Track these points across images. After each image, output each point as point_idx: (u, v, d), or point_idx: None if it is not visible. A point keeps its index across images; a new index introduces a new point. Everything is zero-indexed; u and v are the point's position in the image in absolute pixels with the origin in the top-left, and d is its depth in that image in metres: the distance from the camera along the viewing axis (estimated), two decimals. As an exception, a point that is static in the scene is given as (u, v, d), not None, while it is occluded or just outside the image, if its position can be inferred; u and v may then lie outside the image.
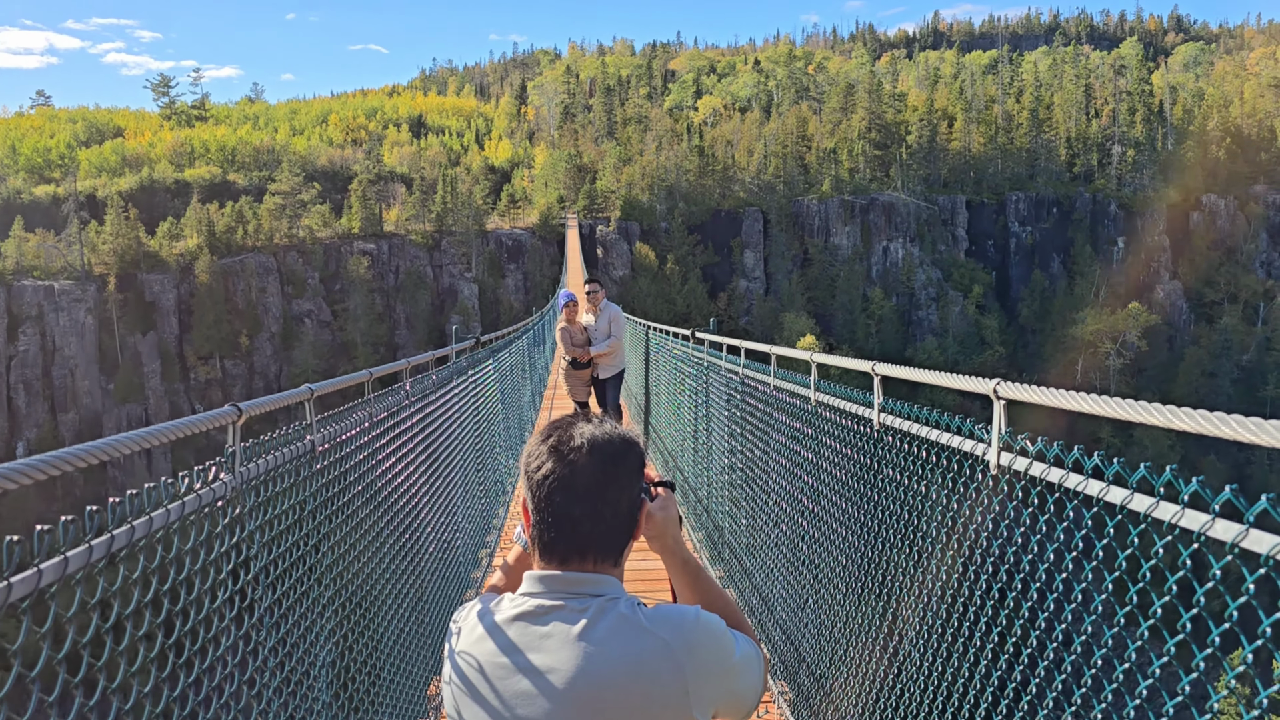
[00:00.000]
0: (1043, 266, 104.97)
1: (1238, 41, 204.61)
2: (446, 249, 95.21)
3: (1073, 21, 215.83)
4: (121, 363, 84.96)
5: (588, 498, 1.78)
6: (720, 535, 8.08)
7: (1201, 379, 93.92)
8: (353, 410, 4.20)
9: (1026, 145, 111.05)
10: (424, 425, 5.84)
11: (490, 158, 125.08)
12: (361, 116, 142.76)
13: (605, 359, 14.02)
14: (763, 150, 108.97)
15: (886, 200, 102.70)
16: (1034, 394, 2.49)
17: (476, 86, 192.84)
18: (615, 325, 14.04)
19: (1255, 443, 1.66)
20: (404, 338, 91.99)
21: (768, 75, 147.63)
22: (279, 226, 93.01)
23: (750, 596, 6.69)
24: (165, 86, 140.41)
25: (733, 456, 7.32)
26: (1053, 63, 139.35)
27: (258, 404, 2.91)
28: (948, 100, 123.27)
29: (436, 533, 6.02)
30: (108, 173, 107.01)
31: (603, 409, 14.54)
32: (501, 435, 11.48)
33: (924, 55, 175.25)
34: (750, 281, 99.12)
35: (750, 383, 6.50)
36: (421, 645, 5.27)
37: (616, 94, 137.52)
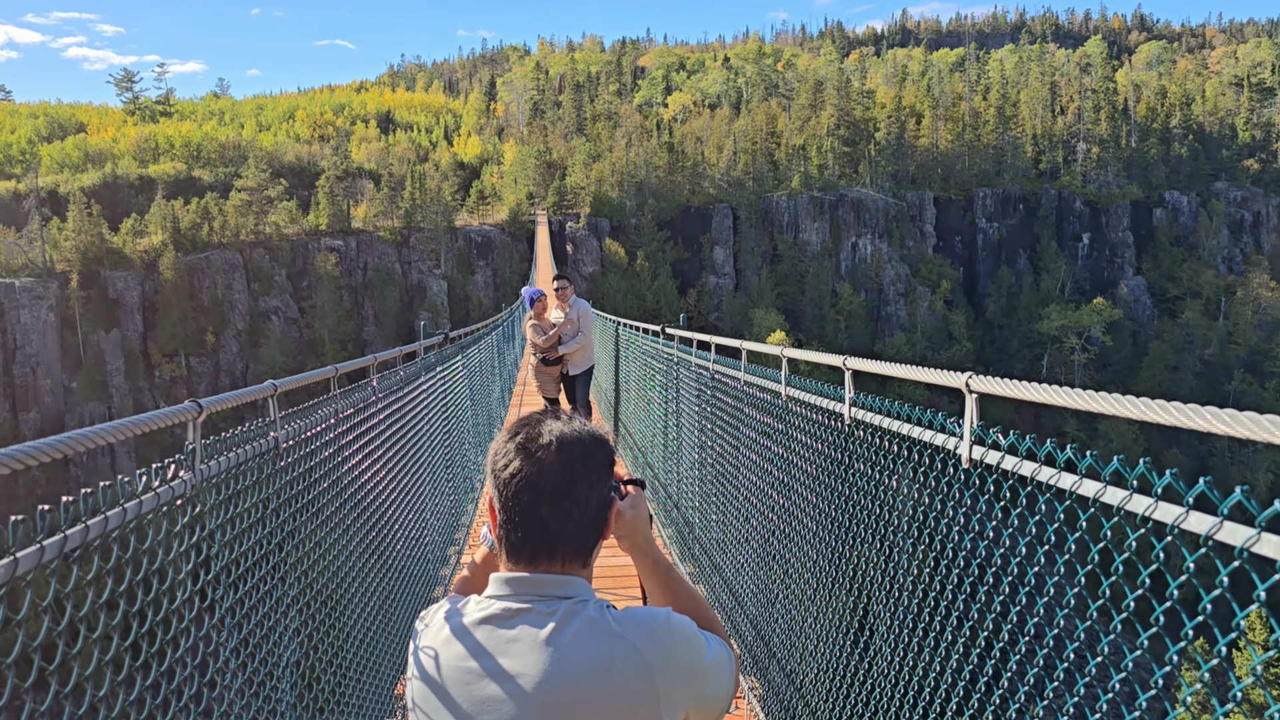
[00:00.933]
0: (1009, 262, 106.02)
1: (1199, 40, 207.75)
2: (415, 245, 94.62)
3: (1038, 20, 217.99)
4: (84, 360, 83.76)
5: (556, 497, 1.75)
6: (690, 531, 8.07)
7: (1165, 373, 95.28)
8: (318, 406, 4.13)
9: (993, 142, 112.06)
10: (391, 422, 5.77)
11: (459, 154, 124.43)
12: (329, 112, 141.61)
13: (575, 355, 13.99)
14: (732, 147, 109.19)
15: (855, 196, 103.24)
16: (1006, 387, 2.48)
17: (445, 83, 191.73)
18: (584, 321, 14.01)
19: (1219, 432, 1.66)
20: (372, 334, 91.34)
21: (737, 72, 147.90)
22: (245, 223, 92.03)
23: (721, 592, 6.67)
24: (129, 82, 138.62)
25: (703, 452, 7.31)
26: (1019, 61, 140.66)
27: (219, 400, 2.85)
28: (915, 97, 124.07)
29: (405, 530, 5.96)
30: (70, 168, 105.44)
31: (573, 405, 14.48)
32: (471, 432, 11.40)
33: (892, 53, 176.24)
34: (720, 278, 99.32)
35: (721, 378, 6.49)
36: (389, 644, 5.21)
37: (586, 90, 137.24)
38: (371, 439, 5.10)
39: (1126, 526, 1.95)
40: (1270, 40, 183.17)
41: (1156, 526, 1.85)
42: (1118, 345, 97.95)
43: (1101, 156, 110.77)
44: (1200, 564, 1.88)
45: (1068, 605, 2.25)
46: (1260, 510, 1.67)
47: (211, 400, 2.74)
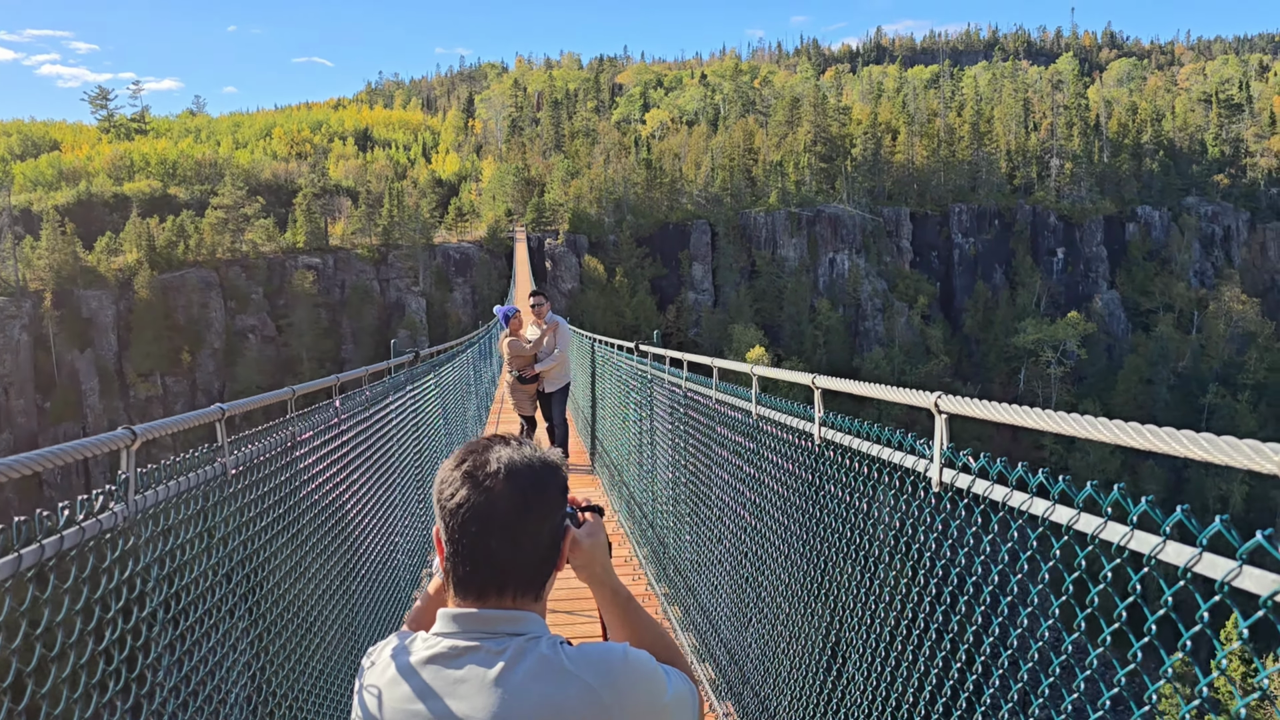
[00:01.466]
0: (985, 277, 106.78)
1: (1169, 57, 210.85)
2: (393, 263, 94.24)
3: (1011, 37, 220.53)
4: (58, 380, 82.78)
5: (506, 528, 1.66)
6: (665, 551, 7.96)
7: (1140, 386, 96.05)
8: (274, 429, 3.98)
9: (968, 158, 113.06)
10: (357, 444, 5.62)
11: (437, 171, 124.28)
12: (306, 130, 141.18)
13: (551, 372, 13.87)
14: (710, 163, 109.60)
15: (832, 212, 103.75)
16: (975, 408, 2.38)
17: (423, 100, 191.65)
18: (560, 338, 13.90)
19: (1186, 456, 1.63)
20: (350, 352, 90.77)
21: (714, 89, 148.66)
22: (221, 241, 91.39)
23: (695, 614, 6.57)
24: (104, 99, 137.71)
25: (676, 471, 7.20)
26: (992, 77, 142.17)
27: (156, 427, 2.71)
28: (891, 114, 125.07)
29: (371, 555, 5.80)
30: (43, 186, 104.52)
31: (549, 423, 14.37)
32: (444, 451, 11.26)
33: (867, 70, 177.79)
34: (698, 293, 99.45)
35: (693, 396, 6.40)
36: (352, 673, 5.06)
37: (564, 107, 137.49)
38: (333, 462, 4.95)
39: (1102, 556, 1.86)
40: (1237, 57, 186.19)
41: (1134, 555, 1.81)
42: (1093, 358, 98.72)
43: (1074, 172, 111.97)
44: (1179, 595, 1.84)
45: (1042, 637, 2.16)
46: (1241, 541, 1.61)
47: (147, 427, 2.60)
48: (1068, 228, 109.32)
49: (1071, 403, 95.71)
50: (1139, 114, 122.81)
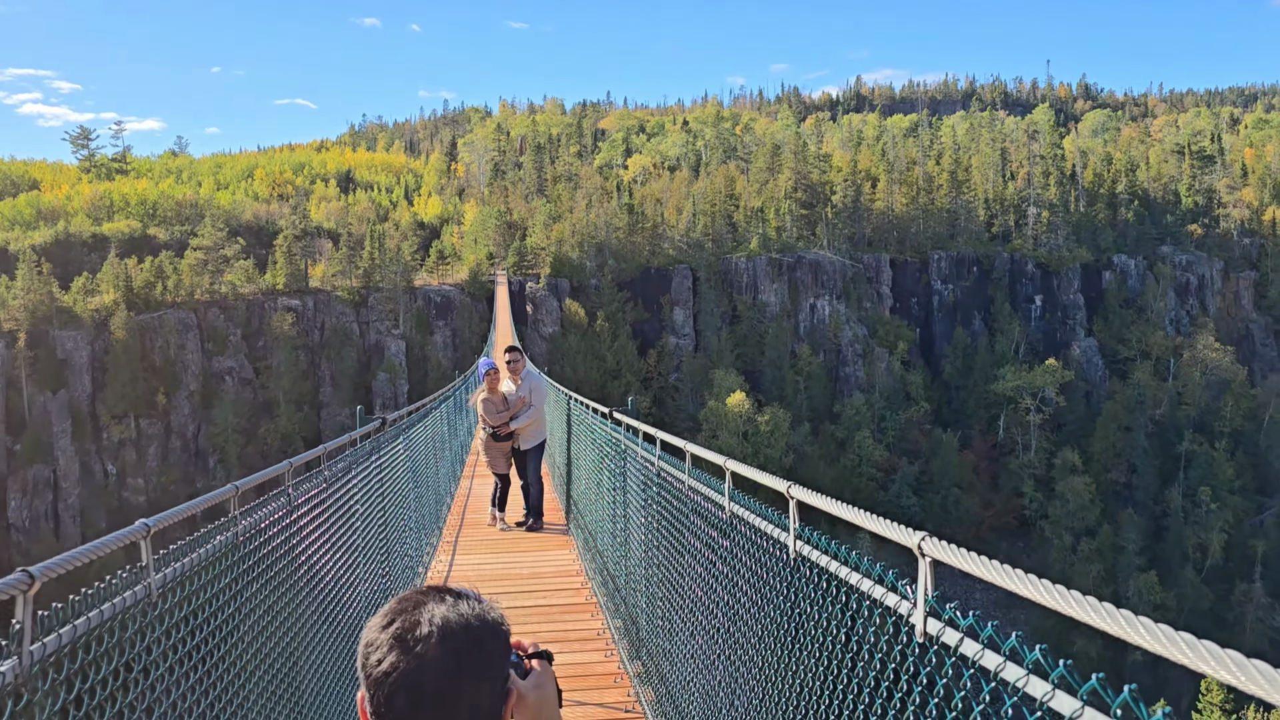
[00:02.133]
0: (964, 324, 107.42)
1: (1142, 109, 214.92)
2: (374, 305, 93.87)
3: (988, 88, 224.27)
4: (29, 422, 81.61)
5: (438, 699, 1.45)
6: (637, 630, 7.69)
7: (1118, 434, 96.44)
8: (214, 534, 3.69)
9: (947, 206, 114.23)
10: (312, 533, 5.34)
11: (419, 214, 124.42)
12: (289, 171, 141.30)
13: (526, 430, 13.61)
14: (691, 208, 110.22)
15: (813, 258, 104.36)
16: (962, 560, 2.15)
17: (406, 143, 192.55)
18: (536, 395, 13.67)
19: None
20: (329, 395, 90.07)
21: (696, 135, 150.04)
22: (200, 282, 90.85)
23: (666, 705, 6.30)
24: (85, 139, 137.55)
25: (649, 550, 6.95)
26: (970, 127, 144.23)
27: (61, 562, 2.44)
28: (871, 162, 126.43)
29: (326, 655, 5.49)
30: (21, 225, 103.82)
31: (524, 481, 14.10)
32: (414, 516, 10.93)
33: (847, 118, 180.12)
34: (680, 338, 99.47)
35: (666, 477, 6.18)
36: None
37: (547, 152, 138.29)
38: (285, 556, 4.66)
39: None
40: (1209, 110, 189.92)
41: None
42: (1071, 405, 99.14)
43: (1051, 220, 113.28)
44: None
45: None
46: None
47: (46, 566, 2.34)
48: (1045, 275, 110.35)
49: (1051, 449, 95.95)
50: (1114, 164, 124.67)
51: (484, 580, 10.77)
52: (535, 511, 14.02)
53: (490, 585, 10.53)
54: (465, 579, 10.83)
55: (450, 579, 10.83)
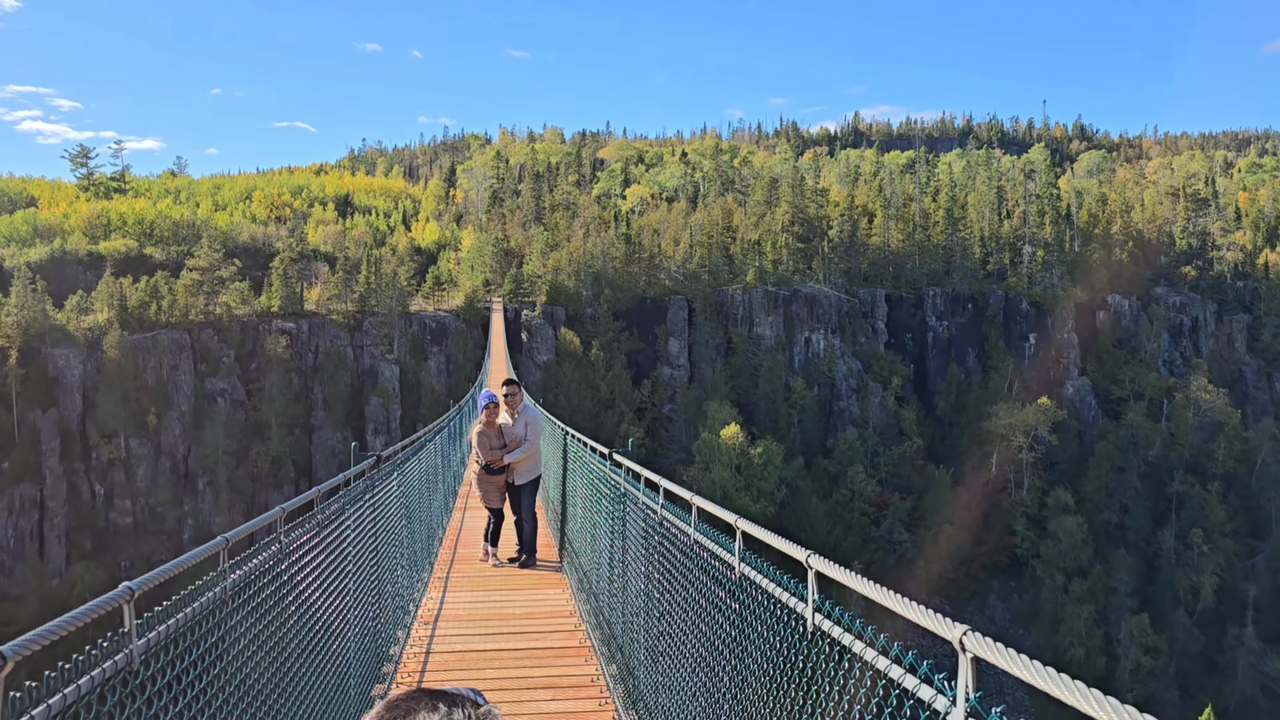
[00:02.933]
0: (959, 360, 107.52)
1: (1137, 150, 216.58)
2: (368, 330, 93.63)
3: (984, 127, 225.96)
4: (19, 440, 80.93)
5: None
6: (634, 680, 7.46)
7: (1111, 474, 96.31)
8: (201, 591, 3.50)
9: (943, 243, 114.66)
10: (304, 578, 5.16)
11: (416, 239, 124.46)
12: (287, 194, 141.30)
13: (521, 464, 13.44)
14: (688, 240, 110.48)
15: (809, 292, 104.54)
16: (1009, 661, 1.99)
17: (405, 168, 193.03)
18: (532, 430, 13.49)
19: None
20: (321, 419, 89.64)
21: (694, 167, 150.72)
22: (195, 303, 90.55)
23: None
24: (84, 157, 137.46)
25: (649, 601, 6.75)
26: (966, 165, 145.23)
27: (33, 640, 2.26)
28: (868, 197, 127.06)
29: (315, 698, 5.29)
30: (17, 242, 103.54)
31: (517, 516, 13.89)
32: (406, 553, 10.71)
33: (845, 153, 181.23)
34: (674, 369, 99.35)
35: (669, 527, 6.00)
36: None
37: (545, 180, 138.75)
38: (274, 606, 4.48)
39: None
40: (1203, 153, 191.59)
41: None
42: (1064, 444, 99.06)
43: (1046, 259, 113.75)
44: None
45: None
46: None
47: (19, 644, 2.16)
48: (1039, 314, 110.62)
49: (1044, 488, 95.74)
50: (1109, 205, 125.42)
51: (475, 619, 10.55)
52: (529, 548, 13.81)
53: (481, 625, 10.32)
54: (456, 617, 10.61)
55: (441, 617, 10.59)
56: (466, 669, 8.87)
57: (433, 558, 14.03)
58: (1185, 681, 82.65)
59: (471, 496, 15.42)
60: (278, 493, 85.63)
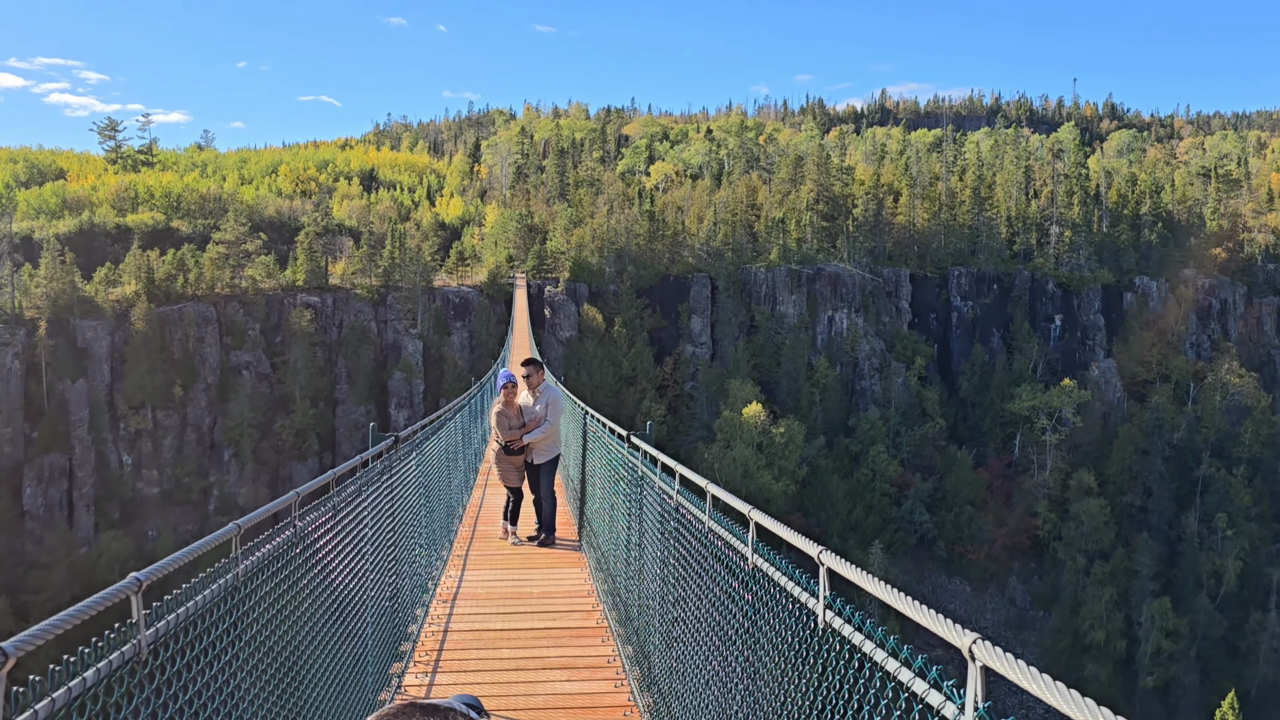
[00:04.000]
0: (983, 341, 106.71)
1: (1168, 130, 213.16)
2: (392, 304, 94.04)
3: (1013, 105, 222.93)
4: (47, 410, 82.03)
5: None
6: (649, 664, 7.47)
7: (1135, 457, 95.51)
8: (213, 578, 3.49)
9: (969, 222, 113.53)
10: (319, 562, 5.16)
11: (441, 214, 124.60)
12: (312, 168, 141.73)
13: (540, 444, 13.44)
14: (712, 217, 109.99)
15: (832, 271, 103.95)
16: (1019, 673, 1.97)
17: (430, 143, 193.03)
18: (552, 410, 13.48)
19: None
20: (344, 392, 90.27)
21: (719, 144, 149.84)
22: (221, 276, 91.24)
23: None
24: (112, 130, 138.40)
25: (664, 586, 6.73)
26: (994, 144, 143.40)
27: (35, 636, 2.24)
28: (894, 175, 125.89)
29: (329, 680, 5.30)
30: (46, 214, 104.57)
31: (535, 495, 13.93)
32: (424, 532, 10.74)
33: (871, 131, 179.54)
34: (696, 347, 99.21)
35: (685, 513, 5.97)
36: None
37: (570, 156, 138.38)
38: (288, 590, 4.48)
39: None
40: (1236, 133, 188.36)
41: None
42: (1088, 427, 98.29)
43: (1074, 240, 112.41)
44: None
45: None
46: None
47: (21, 640, 2.15)
48: (1066, 295, 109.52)
49: (1067, 470, 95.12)
50: (1138, 185, 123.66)
51: (493, 598, 10.61)
52: (548, 527, 13.86)
53: (500, 604, 10.39)
54: (475, 596, 10.66)
55: (460, 595, 10.65)
56: (483, 648, 8.91)
57: (452, 535, 14.09)
58: (1206, 666, 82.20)
59: (492, 474, 15.46)
60: (301, 465, 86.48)
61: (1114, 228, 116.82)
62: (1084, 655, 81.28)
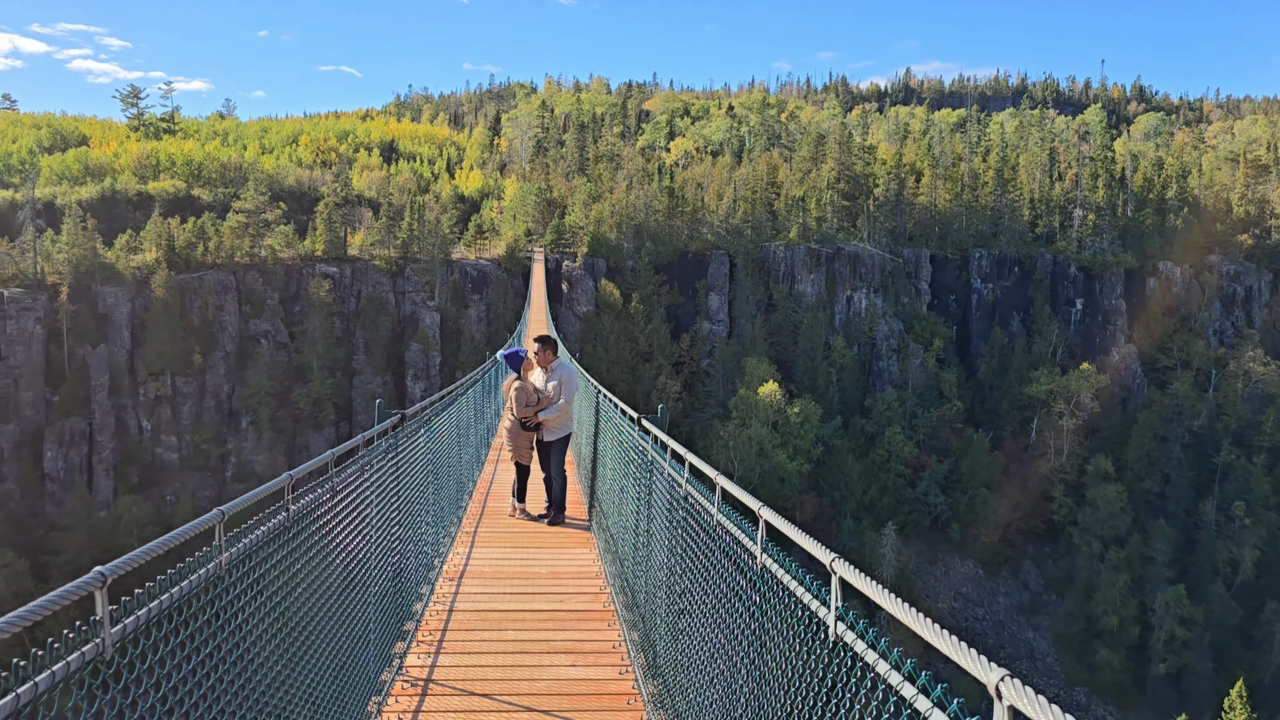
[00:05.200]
0: (1003, 324, 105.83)
1: (1197, 114, 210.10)
2: (410, 276, 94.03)
3: (1039, 86, 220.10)
4: (68, 375, 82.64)
5: None
6: (655, 655, 7.32)
7: (1154, 443, 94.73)
8: (197, 565, 3.32)
9: (991, 204, 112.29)
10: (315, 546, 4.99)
11: (460, 187, 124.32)
12: (333, 139, 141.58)
13: (552, 422, 13.35)
14: (732, 194, 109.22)
15: (852, 250, 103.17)
16: (1045, 713, 1.82)
17: (450, 115, 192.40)
18: (566, 388, 13.36)
19: None
20: (362, 363, 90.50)
21: (741, 121, 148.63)
22: (240, 245, 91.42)
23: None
24: (135, 97, 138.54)
25: (671, 576, 6.55)
26: (1019, 125, 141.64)
27: (3, 627, 2.09)
28: (916, 155, 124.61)
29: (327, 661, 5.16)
30: (69, 180, 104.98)
31: (546, 473, 13.81)
32: (432, 510, 10.60)
33: (894, 110, 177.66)
34: (714, 324, 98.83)
35: (694, 503, 5.78)
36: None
37: (590, 131, 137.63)
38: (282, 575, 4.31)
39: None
40: (1266, 118, 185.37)
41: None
42: (1107, 412, 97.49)
43: (1097, 224, 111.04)
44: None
45: None
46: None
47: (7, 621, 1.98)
48: (1088, 279, 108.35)
49: (1084, 455, 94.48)
50: (1165, 169, 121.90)
51: (500, 577, 10.51)
52: (558, 505, 13.78)
53: (506, 584, 10.29)
54: (482, 574, 10.55)
55: (466, 574, 10.55)
56: (489, 629, 8.82)
57: (461, 511, 13.99)
58: (1220, 654, 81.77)
59: (504, 449, 15.34)
60: (318, 435, 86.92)
61: (1139, 212, 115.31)
62: (1096, 641, 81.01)
